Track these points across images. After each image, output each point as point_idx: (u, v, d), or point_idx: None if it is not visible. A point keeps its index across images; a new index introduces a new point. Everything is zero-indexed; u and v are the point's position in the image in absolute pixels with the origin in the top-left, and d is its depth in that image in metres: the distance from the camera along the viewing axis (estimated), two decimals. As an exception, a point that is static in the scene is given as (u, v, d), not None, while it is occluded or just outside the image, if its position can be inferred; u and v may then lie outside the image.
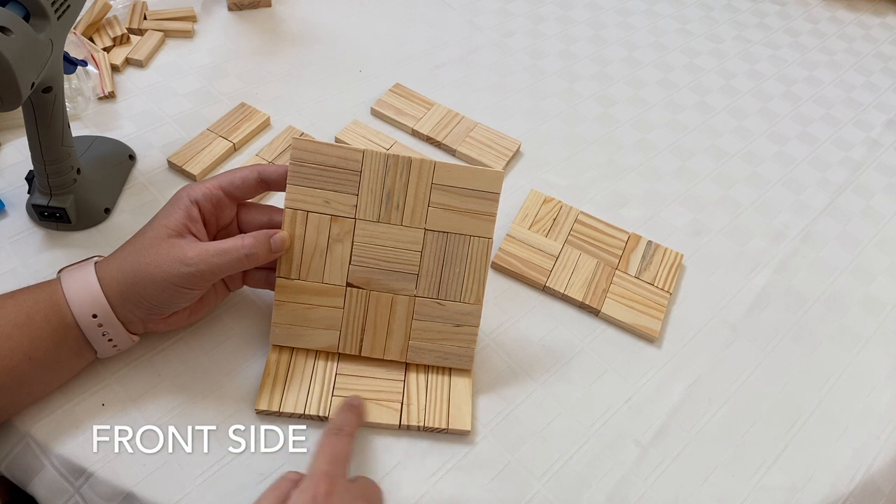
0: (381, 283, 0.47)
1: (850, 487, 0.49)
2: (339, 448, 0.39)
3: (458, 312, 0.47)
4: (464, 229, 0.47)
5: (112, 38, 0.68)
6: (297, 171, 0.45)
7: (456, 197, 0.46)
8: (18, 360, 0.40)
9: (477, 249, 0.47)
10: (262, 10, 0.77)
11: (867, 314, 0.60)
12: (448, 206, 0.46)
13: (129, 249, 0.43)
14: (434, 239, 0.47)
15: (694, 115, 0.75)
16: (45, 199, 0.51)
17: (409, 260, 0.47)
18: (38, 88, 0.44)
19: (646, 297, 0.56)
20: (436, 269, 0.47)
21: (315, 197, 0.46)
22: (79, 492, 0.42)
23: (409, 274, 0.47)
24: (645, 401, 0.51)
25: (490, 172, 0.46)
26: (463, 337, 0.48)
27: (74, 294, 0.41)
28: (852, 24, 0.95)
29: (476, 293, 0.47)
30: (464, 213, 0.46)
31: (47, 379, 0.42)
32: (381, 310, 0.47)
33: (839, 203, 0.69)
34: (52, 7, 0.40)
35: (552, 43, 0.81)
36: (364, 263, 0.46)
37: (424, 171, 0.46)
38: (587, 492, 0.46)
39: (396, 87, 0.70)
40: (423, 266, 0.47)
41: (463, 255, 0.47)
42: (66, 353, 0.42)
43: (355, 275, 0.46)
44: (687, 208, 0.65)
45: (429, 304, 0.47)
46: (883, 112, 0.81)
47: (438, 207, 0.46)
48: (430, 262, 0.47)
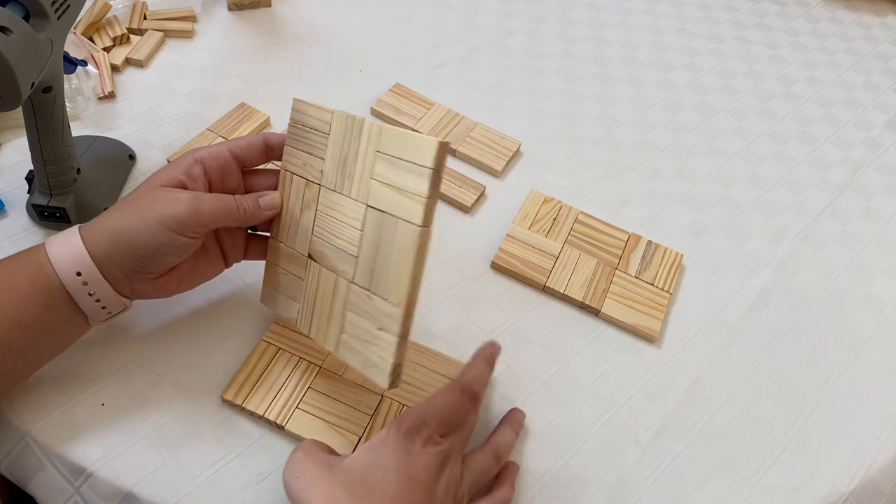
0: (329, 261, 0.43)
1: (850, 487, 0.49)
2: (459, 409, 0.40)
3: (381, 313, 0.39)
4: (397, 210, 0.39)
5: (112, 38, 0.68)
6: (292, 132, 0.45)
7: (395, 170, 0.39)
8: (6, 326, 0.38)
9: (404, 237, 0.38)
10: (262, 10, 0.77)
11: (867, 314, 0.60)
12: (388, 181, 0.39)
13: (117, 205, 0.42)
14: (373, 218, 0.40)
15: (694, 115, 0.75)
16: (45, 198, 0.51)
17: (352, 239, 0.41)
18: (38, 88, 0.44)
19: (646, 296, 0.56)
20: (371, 255, 0.40)
21: (298, 159, 0.44)
22: (79, 492, 0.42)
23: (350, 255, 0.41)
24: (645, 401, 0.51)
25: (422, 139, 0.38)
26: (382, 345, 0.39)
27: (57, 254, 0.40)
28: (852, 24, 0.95)
29: (398, 292, 0.38)
30: (400, 189, 0.39)
31: (40, 346, 0.41)
32: (327, 290, 0.43)
33: (839, 203, 0.69)
34: (52, 7, 0.40)
35: (552, 43, 0.81)
36: (321, 235, 0.43)
37: (372, 136, 0.40)
38: (587, 492, 0.46)
39: (396, 86, 0.70)
40: (362, 248, 0.41)
41: (392, 241, 0.39)
42: (56, 318, 0.41)
43: (314, 246, 0.44)
44: (687, 208, 0.65)
45: (361, 295, 0.41)
46: (883, 112, 0.81)
47: (380, 180, 0.40)
48: (367, 245, 0.40)
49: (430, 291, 0.54)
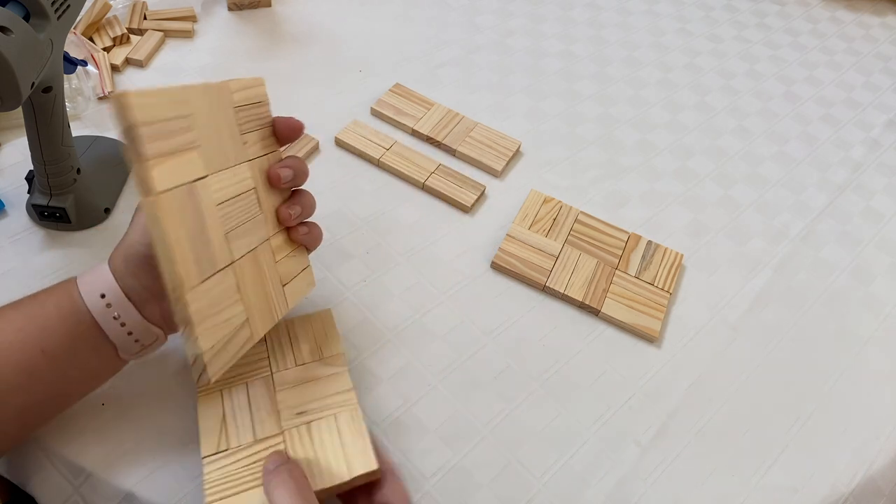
0: (247, 241, 0.40)
1: (850, 487, 0.49)
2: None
3: (286, 239, 0.44)
4: (264, 148, 0.43)
5: (112, 38, 0.68)
6: (150, 136, 0.34)
7: (252, 118, 0.42)
8: (32, 353, 0.38)
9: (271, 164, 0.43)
10: (262, 10, 0.77)
11: (867, 314, 0.60)
12: (251, 129, 0.42)
13: (132, 220, 0.41)
14: (256, 168, 0.42)
15: (694, 115, 0.75)
16: (45, 199, 0.51)
17: (252, 201, 0.41)
18: (38, 88, 0.44)
19: (646, 296, 0.56)
20: (268, 201, 0.43)
21: (179, 166, 0.36)
22: (78, 492, 0.42)
23: (257, 217, 0.41)
24: (645, 401, 0.51)
25: (252, 80, 0.43)
26: (298, 261, 0.45)
27: (85, 279, 0.40)
28: (852, 24, 0.95)
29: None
30: (259, 130, 0.43)
31: (67, 377, 0.40)
32: (254, 273, 0.41)
33: (839, 203, 0.69)
34: (52, 7, 0.40)
35: (552, 43, 0.81)
36: (231, 226, 0.39)
37: (224, 96, 0.40)
38: (587, 492, 0.46)
39: (396, 87, 0.70)
40: (263, 203, 0.42)
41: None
42: (82, 347, 0.39)
43: (232, 243, 0.39)
44: (687, 208, 0.65)
45: (279, 237, 0.43)
46: (883, 112, 0.81)
47: (248, 132, 0.42)
48: (264, 196, 0.42)
49: (430, 291, 0.54)
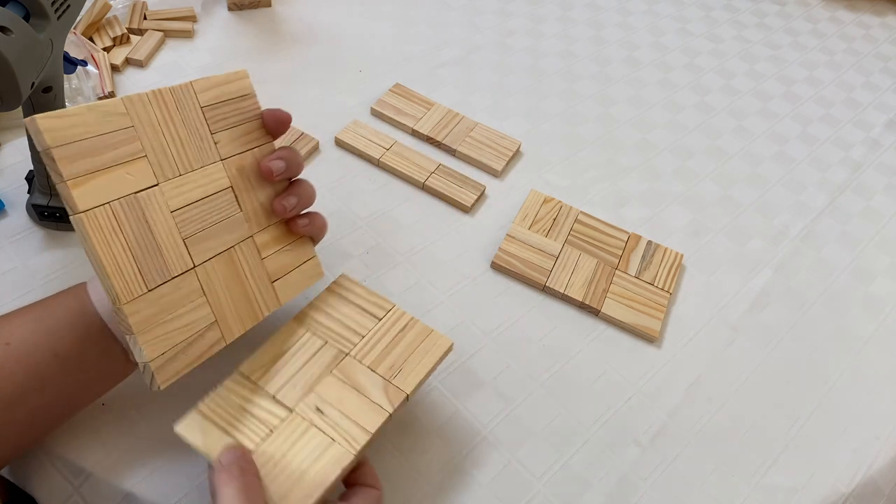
0: (218, 243, 0.40)
1: (850, 487, 0.49)
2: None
3: (284, 231, 0.44)
4: (249, 143, 0.42)
5: (112, 38, 0.68)
6: (67, 157, 0.34)
7: (228, 114, 0.41)
8: (42, 357, 0.38)
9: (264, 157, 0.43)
10: (262, 10, 0.77)
11: (867, 314, 0.60)
12: (227, 126, 0.41)
13: None
14: (235, 165, 0.41)
15: (694, 115, 0.75)
16: (45, 199, 0.51)
17: (227, 200, 0.41)
18: (38, 88, 0.44)
19: (646, 296, 0.56)
20: (253, 197, 0.42)
21: (111, 182, 0.36)
22: (78, 491, 0.42)
23: (234, 217, 0.41)
24: (645, 401, 0.51)
25: (234, 74, 0.42)
26: (298, 254, 0.44)
27: (95, 283, 0.40)
28: (852, 24, 0.95)
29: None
30: (240, 126, 0.42)
31: (77, 381, 0.40)
32: (229, 272, 0.41)
33: (839, 203, 0.69)
34: (52, 7, 0.40)
35: (552, 43, 0.81)
36: (193, 230, 0.39)
37: (185, 99, 0.40)
38: (587, 492, 0.46)
39: (396, 86, 0.70)
40: (242, 199, 0.42)
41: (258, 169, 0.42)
42: (91, 350, 0.39)
43: (195, 247, 0.39)
44: (687, 208, 0.65)
45: (269, 231, 0.43)
46: (883, 112, 0.81)
47: (222, 130, 0.41)
48: (244, 193, 0.42)
49: (430, 291, 0.54)
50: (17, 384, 0.37)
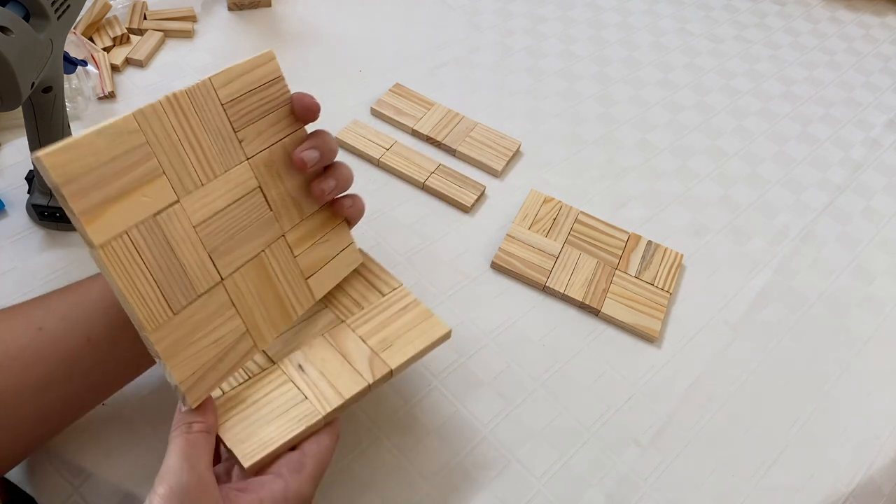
0: (245, 251, 0.38)
1: (850, 487, 0.49)
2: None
3: (319, 223, 0.42)
4: (279, 133, 0.40)
5: (112, 38, 0.68)
6: (77, 192, 0.31)
7: (255, 105, 0.39)
8: (77, 341, 0.37)
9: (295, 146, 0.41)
10: (262, 10, 0.77)
11: (867, 314, 0.60)
12: (253, 119, 0.39)
13: None
14: (263, 161, 0.39)
15: (694, 115, 0.75)
16: (45, 199, 0.51)
17: (255, 203, 0.39)
18: (38, 88, 0.44)
19: (646, 296, 0.56)
20: (283, 192, 0.40)
21: (127, 208, 0.33)
22: (78, 491, 0.42)
23: (264, 218, 0.39)
24: (645, 401, 0.51)
25: (259, 58, 0.41)
26: (333, 244, 0.43)
27: None
28: (852, 24, 0.95)
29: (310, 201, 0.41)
30: (268, 116, 0.40)
31: (107, 367, 0.39)
32: (260, 278, 0.39)
33: (839, 203, 0.69)
34: (52, 7, 0.40)
35: (552, 43, 0.81)
36: (218, 242, 0.37)
37: (207, 97, 0.37)
38: (587, 492, 0.46)
39: (396, 87, 0.70)
40: (271, 198, 0.40)
41: (289, 160, 0.40)
42: (122, 336, 0.38)
43: (221, 259, 0.37)
44: (687, 208, 0.65)
45: (302, 227, 0.41)
46: (883, 112, 0.81)
47: (248, 125, 0.39)
48: (273, 190, 0.40)
49: (430, 291, 0.54)
50: (49, 369, 0.37)
